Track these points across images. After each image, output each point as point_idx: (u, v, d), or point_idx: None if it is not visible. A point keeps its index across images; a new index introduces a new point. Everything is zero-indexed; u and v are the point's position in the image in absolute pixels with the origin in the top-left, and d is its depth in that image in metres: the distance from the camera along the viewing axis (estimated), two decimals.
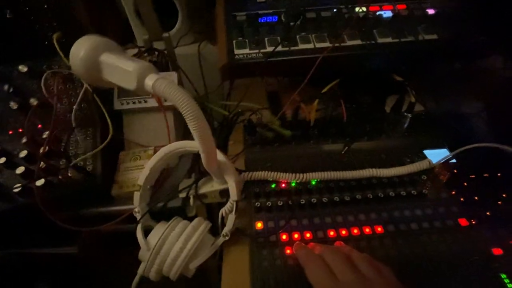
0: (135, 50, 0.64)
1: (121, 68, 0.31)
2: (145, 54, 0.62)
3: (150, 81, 0.30)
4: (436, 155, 0.47)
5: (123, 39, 0.92)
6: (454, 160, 0.46)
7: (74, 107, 0.46)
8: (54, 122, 0.45)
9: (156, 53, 0.62)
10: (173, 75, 0.56)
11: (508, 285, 0.33)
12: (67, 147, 0.45)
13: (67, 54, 0.48)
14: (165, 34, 0.63)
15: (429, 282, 0.34)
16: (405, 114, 0.49)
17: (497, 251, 0.36)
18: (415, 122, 0.51)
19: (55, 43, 0.45)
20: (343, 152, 0.48)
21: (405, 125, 0.51)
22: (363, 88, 0.53)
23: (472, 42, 0.45)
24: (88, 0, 0.71)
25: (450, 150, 0.48)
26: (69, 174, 0.42)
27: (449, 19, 0.47)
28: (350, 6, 0.49)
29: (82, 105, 0.48)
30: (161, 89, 0.29)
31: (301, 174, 0.44)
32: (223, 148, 0.56)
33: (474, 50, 0.46)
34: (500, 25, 0.46)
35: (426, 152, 0.48)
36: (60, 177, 0.42)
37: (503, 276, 0.34)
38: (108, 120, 0.47)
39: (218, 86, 0.61)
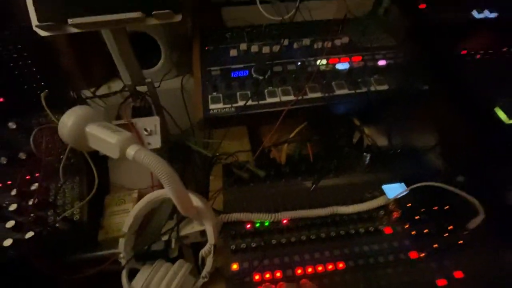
0: (120, 84, 0.68)
1: (105, 140, 0.35)
2: (129, 100, 0.67)
3: (131, 151, 0.34)
4: (393, 190, 0.53)
5: (109, 72, 0.96)
6: (407, 193, 0.52)
7: (62, 158, 0.50)
8: (42, 174, 0.48)
9: (140, 97, 0.67)
10: (155, 120, 0.60)
11: None
12: (55, 197, 0.49)
13: (54, 108, 0.52)
14: (148, 80, 0.68)
15: None
16: (365, 153, 0.56)
17: (441, 282, 0.41)
18: (375, 158, 0.57)
19: (43, 101, 0.50)
20: (311, 189, 0.54)
21: (366, 162, 0.57)
22: (329, 129, 0.59)
23: (417, 91, 0.52)
24: (74, 46, 0.76)
25: (407, 184, 0.54)
26: (57, 225, 0.45)
27: (397, 70, 0.55)
28: (312, 59, 0.56)
29: (69, 155, 0.51)
30: (141, 159, 0.34)
31: (273, 214, 0.48)
32: (205, 183, 0.61)
33: (419, 97, 0.53)
34: (441, 75, 0.53)
35: (385, 187, 0.54)
36: (48, 228, 0.45)
37: None
38: (94, 170, 0.51)
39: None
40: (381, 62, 0.56)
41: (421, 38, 0.66)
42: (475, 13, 0.68)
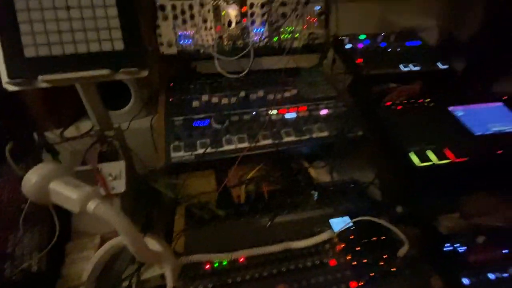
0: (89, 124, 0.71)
1: (66, 196, 0.39)
2: (96, 145, 0.70)
3: (92, 205, 0.38)
4: (339, 224, 0.59)
5: (77, 111, 0.98)
6: (351, 226, 0.59)
7: (23, 208, 0.51)
8: (0, 225, 0.49)
9: (106, 142, 0.70)
10: (120, 165, 0.64)
11: None
12: (14, 249, 0.49)
13: (19, 157, 0.54)
14: (116, 125, 0.72)
15: None
16: (313, 191, 0.63)
17: None
18: (323, 195, 0.64)
19: (7, 154, 0.52)
20: (267, 226, 0.59)
21: (315, 199, 0.63)
22: (282, 170, 0.66)
23: (353, 136, 0.61)
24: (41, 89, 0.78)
25: (351, 217, 0.61)
26: (13, 278, 0.46)
27: (337, 118, 0.64)
28: (265, 109, 0.64)
29: (30, 205, 0.53)
30: (100, 213, 0.38)
31: (230, 254, 0.52)
32: (170, 224, 0.63)
33: (356, 142, 0.62)
34: (372, 123, 0.63)
35: (332, 221, 0.60)
36: (5, 281, 0.45)
37: None
38: (56, 219, 0.52)
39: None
40: (323, 112, 0.66)
41: (356, 89, 0.78)
42: (401, 67, 0.83)
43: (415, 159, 0.53)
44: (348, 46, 0.87)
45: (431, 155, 0.54)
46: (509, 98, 0.70)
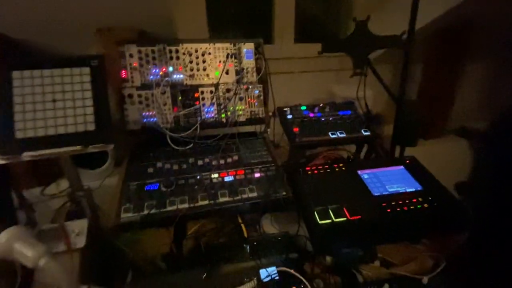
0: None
1: (24, 254, 0.50)
2: (67, 204, 0.82)
3: (42, 262, 0.49)
4: (266, 273, 0.69)
5: (59, 170, 1.12)
6: (275, 276, 0.68)
7: None
8: None
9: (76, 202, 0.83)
10: (83, 223, 0.75)
11: None
12: None
13: None
14: (86, 186, 0.85)
15: None
16: (245, 245, 0.74)
17: None
18: (254, 248, 0.75)
19: None
20: (203, 277, 0.68)
21: (248, 251, 0.74)
22: (220, 226, 0.78)
23: (277, 198, 0.75)
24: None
25: (278, 266, 0.71)
26: None
27: (267, 181, 0.79)
28: (208, 173, 0.79)
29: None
30: (48, 268, 0.49)
31: None
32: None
33: (279, 204, 0.75)
34: (293, 186, 0.77)
35: (261, 271, 0.70)
36: None
37: None
38: (18, 271, 0.62)
39: None
40: (257, 175, 0.81)
41: (292, 154, 0.94)
42: (330, 134, 1.00)
43: (317, 217, 0.66)
44: (289, 116, 1.06)
45: (331, 213, 0.67)
46: (410, 162, 0.86)
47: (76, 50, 1.08)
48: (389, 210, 0.69)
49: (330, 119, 1.08)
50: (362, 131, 1.03)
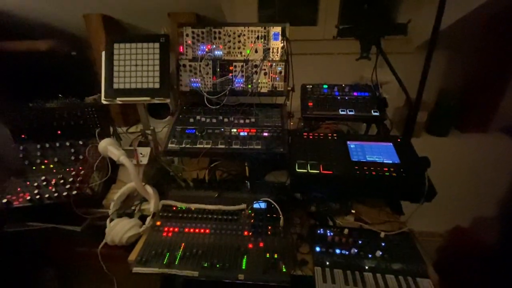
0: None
1: (113, 153, 0.88)
2: (139, 136, 1.22)
3: (121, 158, 0.86)
4: (257, 204, 0.95)
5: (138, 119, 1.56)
6: (260, 206, 0.94)
7: (97, 161, 1.04)
8: (87, 167, 1.02)
9: (145, 136, 1.22)
10: (147, 149, 1.13)
11: (244, 259, 0.78)
12: (89, 178, 1.01)
13: (101, 137, 1.08)
14: (151, 127, 1.23)
15: (217, 254, 0.79)
16: (246, 181, 1.00)
17: (250, 245, 0.81)
18: (253, 186, 1.01)
19: (96, 134, 1.06)
20: (216, 196, 0.99)
21: (248, 187, 1.01)
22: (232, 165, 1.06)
23: (275, 152, 0.98)
24: (121, 108, 1.36)
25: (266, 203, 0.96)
26: (87, 191, 0.97)
27: (271, 139, 1.02)
28: (229, 128, 1.06)
29: (100, 161, 1.05)
30: (123, 162, 0.85)
31: (187, 204, 0.94)
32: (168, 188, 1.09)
33: (277, 157, 0.98)
34: (291, 145, 0.99)
35: (255, 202, 0.96)
36: (83, 191, 0.97)
37: (245, 256, 0.79)
38: (109, 169, 1.03)
39: None
40: (265, 134, 1.04)
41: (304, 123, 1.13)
42: (340, 111, 1.15)
43: (296, 166, 0.87)
44: (309, 92, 1.23)
45: (308, 166, 0.87)
46: (401, 141, 0.96)
47: (152, 28, 1.45)
48: (358, 172, 0.85)
49: (346, 98, 1.21)
50: (372, 111, 1.14)
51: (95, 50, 1.45)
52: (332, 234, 0.86)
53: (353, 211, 0.96)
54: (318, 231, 0.87)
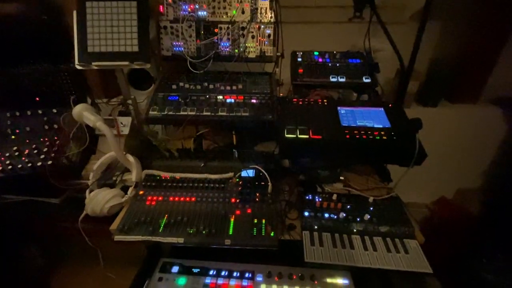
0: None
1: (89, 118, 0.81)
2: (121, 106, 1.15)
3: (98, 124, 0.80)
4: (247, 173, 0.92)
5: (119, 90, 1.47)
6: (248, 174, 0.91)
7: (73, 130, 0.97)
8: (62, 136, 0.95)
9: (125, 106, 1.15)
10: (128, 119, 1.07)
11: (231, 224, 0.76)
12: (66, 148, 0.95)
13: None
14: (132, 96, 1.16)
15: (202, 221, 0.77)
16: (234, 150, 0.97)
17: (238, 212, 0.79)
18: (240, 155, 0.97)
19: (71, 102, 0.99)
20: (201, 166, 0.95)
21: (236, 156, 0.97)
22: (218, 134, 1.01)
23: (265, 119, 0.94)
24: (100, 75, 1.27)
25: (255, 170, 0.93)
26: (64, 161, 0.91)
27: (259, 106, 0.97)
28: (215, 94, 1.01)
29: (77, 129, 0.98)
30: (101, 128, 0.79)
31: (173, 173, 0.90)
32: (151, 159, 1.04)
33: (265, 123, 0.94)
34: (278, 111, 0.95)
35: (243, 170, 0.93)
36: (59, 160, 0.91)
37: (232, 221, 0.77)
38: (87, 138, 0.97)
39: None
40: (253, 101, 0.99)
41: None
42: (331, 78, 1.10)
43: (285, 132, 0.83)
44: (299, 59, 1.18)
45: (297, 131, 0.83)
46: (393, 106, 0.93)
47: None
48: (348, 136, 0.82)
49: (337, 65, 1.16)
50: (364, 78, 1.10)
51: (68, 13, 1.32)
52: (320, 199, 0.85)
53: (341, 178, 0.94)
54: (307, 197, 0.86)
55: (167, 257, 0.87)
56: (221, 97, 1.01)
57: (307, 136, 0.82)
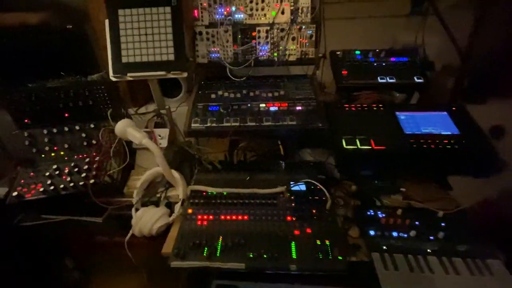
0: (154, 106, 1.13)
1: (134, 135, 0.77)
2: (155, 117, 1.11)
3: (144, 141, 0.75)
4: (296, 186, 0.86)
5: (148, 98, 1.43)
6: (300, 188, 0.85)
7: (113, 146, 0.93)
8: (101, 153, 0.91)
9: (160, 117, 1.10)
10: (166, 131, 1.02)
11: (292, 247, 0.70)
12: (106, 165, 0.91)
13: (113, 118, 0.97)
14: (167, 107, 1.11)
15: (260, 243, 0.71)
16: (281, 161, 0.90)
17: (296, 232, 0.73)
18: (288, 166, 0.91)
19: (109, 116, 0.94)
20: (247, 179, 0.89)
21: (283, 167, 0.91)
22: (262, 145, 0.95)
23: (313, 127, 0.87)
24: (129, 84, 1.22)
25: (306, 183, 0.87)
26: (106, 179, 0.87)
27: (305, 113, 0.90)
28: (257, 103, 0.94)
29: (117, 145, 0.94)
30: (148, 145, 0.75)
31: (218, 188, 0.85)
32: (191, 172, 0.99)
33: (315, 133, 0.87)
34: (331, 118, 0.88)
35: (292, 183, 0.87)
36: (102, 179, 0.87)
37: (293, 243, 0.71)
38: (127, 154, 0.93)
39: None
40: (298, 108, 0.93)
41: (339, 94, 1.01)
42: (379, 79, 1.02)
43: (344, 143, 0.77)
44: (341, 59, 1.10)
45: (357, 142, 0.76)
46: (456, 109, 0.85)
47: None
48: (415, 146, 0.75)
49: (383, 64, 1.08)
50: (415, 78, 1.01)
51: (94, 21, 1.28)
52: (384, 215, 0.78)
53: (402, 189, 0.87)
54: (368, 213, 0.79)
55: (218, 278, 0.82)
56: (263, 105, 0.94)
57: (369, 147, 0.75)
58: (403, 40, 1.31)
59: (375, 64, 1.08)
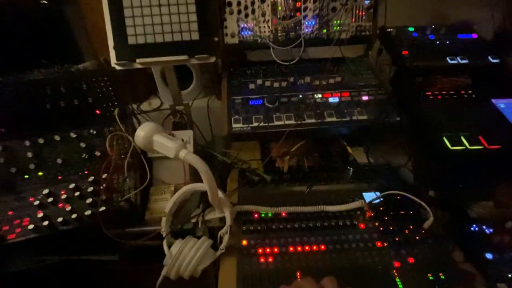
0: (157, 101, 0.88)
1: (165, 145, 0.54)
2: (171, 116, 0.87)
3: (183, 153, 0.53)
4: (371, 197, 0.68)
5: (149, 91, 1.18)
6: (381, 200, 0.67)
7: (124, 157, 0.69)
8: (112, 168, 0.67)
9: (178, 114, 0.87)
10: (189, 133, 0.79)
11: (399, 286, 0.52)
12: (118, 185, 0.67)
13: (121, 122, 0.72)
14: (185, 102, 0.88)
15: (353, 282, 0.53)
16: (349, 167, 0.71)
17: (397, 264, 0.55)
18: (357, 172, 0.72)
19: (116, 116, 0.70)
20: (306, 192, 0.70)
21: (350, 174, 0.72)
22: (323, 147, 0.75)
23: (389, 122, 0.68)
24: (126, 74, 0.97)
25: (382, 192, 0.68)
26: (122, 204, 0.64)
27: (376, 104, 0.71)
28: (311, 93, 0.74)
29: (128, 156, 0.70)
30: (189, 159, 0.52)
31: (274, 208, 0.65)
32: (223, 184, 0.77)
33: (392, 127, 0.69)
34: (410, 110, 0.69)
35: (364, 194, 0.69)
36: (115, 205, 0.64)
37: (398, 280, 0.53)
38: (147, 167, 0.70)
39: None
40: (364, 98, 0.73)
41: (400, 79, 0.83)
42: (448, 60, 0.85)
43: (448, 142, 0.59)
44: (395, 37, 0.91)
45: (464, 140, 0.59)
46: None
47: None
48: None
49: (447, 42, 0.90)
50: (489, 57, 0.85)
51: None
52: (491, 230, 0.61)
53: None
54: (472, 228, 0.62)
55: None
56: (319, 95, 0.74)
57: (481, 147, 0.58)
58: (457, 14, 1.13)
59: (437, 42, 0.90)
